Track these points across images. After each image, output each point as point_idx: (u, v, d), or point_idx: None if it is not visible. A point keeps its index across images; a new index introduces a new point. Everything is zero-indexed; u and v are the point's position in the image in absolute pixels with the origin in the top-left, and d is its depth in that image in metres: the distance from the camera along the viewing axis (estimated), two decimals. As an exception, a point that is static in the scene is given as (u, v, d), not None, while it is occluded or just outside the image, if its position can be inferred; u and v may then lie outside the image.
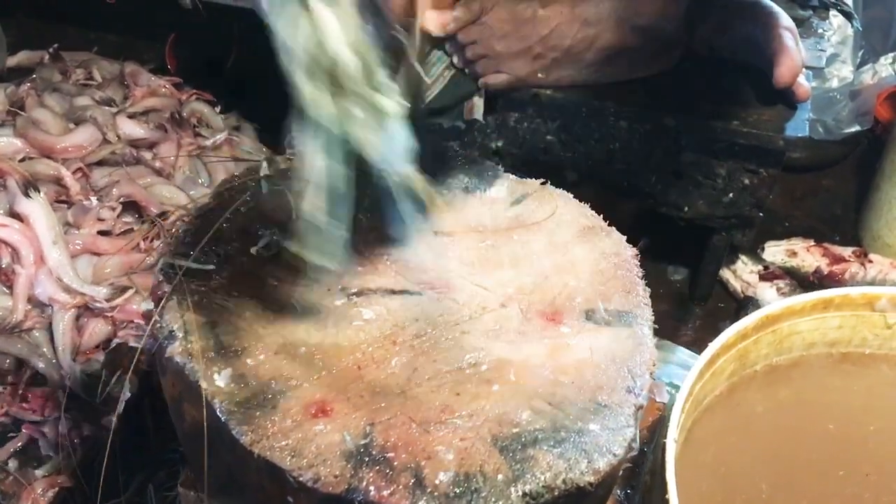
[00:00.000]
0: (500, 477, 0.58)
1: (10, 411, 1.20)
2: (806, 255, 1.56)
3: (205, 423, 0.65)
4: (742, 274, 1.55)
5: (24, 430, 1.20)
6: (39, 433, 1.19)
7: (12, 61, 1.82)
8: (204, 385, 0.65)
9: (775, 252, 1.57)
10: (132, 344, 1.31)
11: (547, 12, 1.25)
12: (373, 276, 0.75)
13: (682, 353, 1.38)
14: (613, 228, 0.82)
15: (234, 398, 0.64)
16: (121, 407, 1.25)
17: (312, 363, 0.67)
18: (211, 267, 0.74)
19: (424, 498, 0.57)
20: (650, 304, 0.75)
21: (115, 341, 1.31)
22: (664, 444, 0.73)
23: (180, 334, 0.68)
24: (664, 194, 1.40)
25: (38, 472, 1.16)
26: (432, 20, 1.25)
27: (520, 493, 0.58)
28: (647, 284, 0.79)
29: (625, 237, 0.81)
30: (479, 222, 0.82)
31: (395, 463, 0.59)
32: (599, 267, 0.78)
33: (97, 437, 1.20)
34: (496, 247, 0.79)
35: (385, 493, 0.58)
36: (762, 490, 0.82)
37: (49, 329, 1.27)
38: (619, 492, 0.90)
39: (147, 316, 0.72)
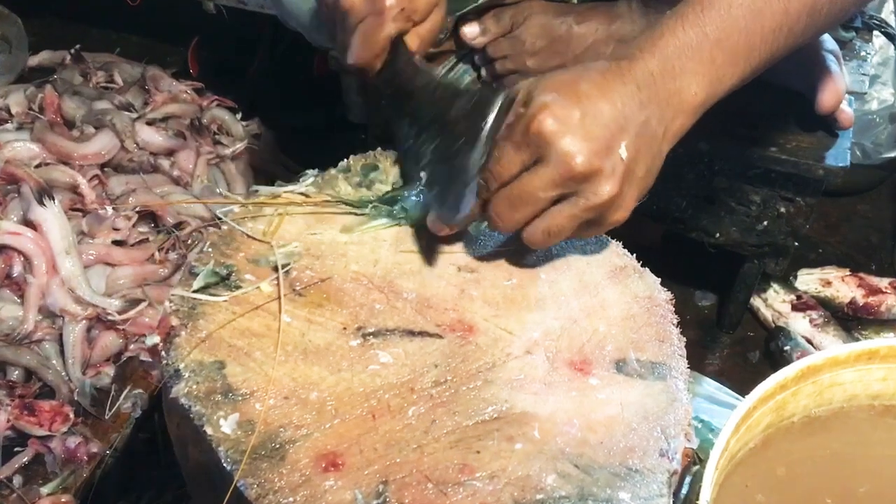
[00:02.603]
0: (521, 550, 0.54)
1: (17, 425, 1.17)
2: (841, 284, 1.50)
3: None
4: (773, 303, 1.49)
5: (30, 445, 1.17)
6: (46, 448, 1.16)
7: (34, 61, 1.81)
8: (209, 431, 0.61)
9: (809, 281, 1.52)
10: (143, 358, 1.28)
11: (582, 29, 1.21)
12: (391, 315, 0.71)
13: (709, 384, 1.33)
14: (647, 270, 0.77)
15: (241, 446, 0.60)
16: (130, 425, 1.22)
17: (324, 410, 0.63)
18: (223, 299, 0.70)
19: (439, 570, 0.53)
20: (685, 354, 0.70)
21: (127, 355, 1.28)
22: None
23: (186, 374, 0.64)
24: (695, 219, 1.35)
25: (44, 490, 1.13)
26: (469, 35, 1.21)
27: (542, 569, 0.54)
28: (673, 311, 0.75)
29: (658, 279, 0.76)
30: (503, 258, 0.78)
31: (410, 529, 0.56)
32: (631, 312, 0.73)
33: (105, 455, 1.17)
34: (522, 286, 0.75)
35: (397, 562, 0.54)
36: None
37: (59, 341, 1.25)
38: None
39: (153, 352, 0.68)
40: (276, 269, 0.73)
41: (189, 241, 1.39)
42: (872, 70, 1.74)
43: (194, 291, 0.71)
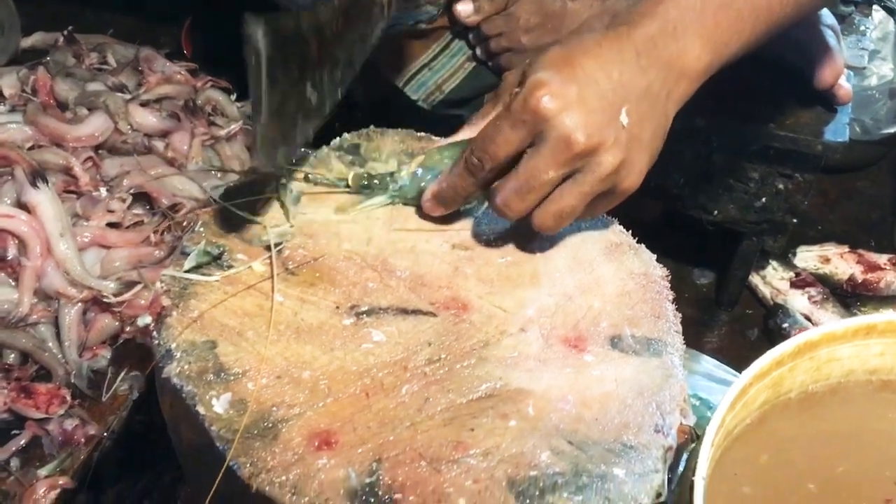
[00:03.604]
0: (515, 527, 0.54)
1: (14, 407, 1.17)
2: (839, 261, 1.49)
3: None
4: (772, 280, 1.49)
5: (27, 428, 1.16)
6: (43, 431, 1.16)
7: (27, 42, 1.79)
8: (201, 410, 0.61)
9: (807, 258, 1.51)
10: (140, 341, 1.28)
11: (576, 5, 1.20)
12: (384, 293, 0.71)
13: (707, 362, 1.33)
14: (642, 246, 0.77)
15: (233, 426, 0.60)
16: (128, 407, 1.22)
17: (317, 389, 0.63)
18: (215, 279, 0.70)
19: (433, 547, 0.53)
20: (681, 330, 0.70)
21: (123, 337, 1.28)
22: (692, 480, 0.68)
23: (178, 354, 0.64)
24: (693, 197, 1.34)
25: (41, 472, 1.12)
26: (463, 13, 1.19)
27: (536, 545, 0.53)
28: (670, 288, 0.74)
29: (654, 256, 0.76)
30: (498, 236, 0.77)
31: (403, 505, 0.55)
32: (627, 288, 0.73)
33: (102, 437, 1.17)
34: (517, 263, 0.75)
35: (391, 539, 0.54)
36: None
37: (55, 323, 1.24)
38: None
39: (145, 332, 0.68)
40: (268, 248, 0.73)
41: (185, 223, 1.38)
42: (872, 45, 1.72)
43: (186, 271, 0.70)
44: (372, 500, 0.56)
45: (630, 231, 0.80)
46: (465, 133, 0.79)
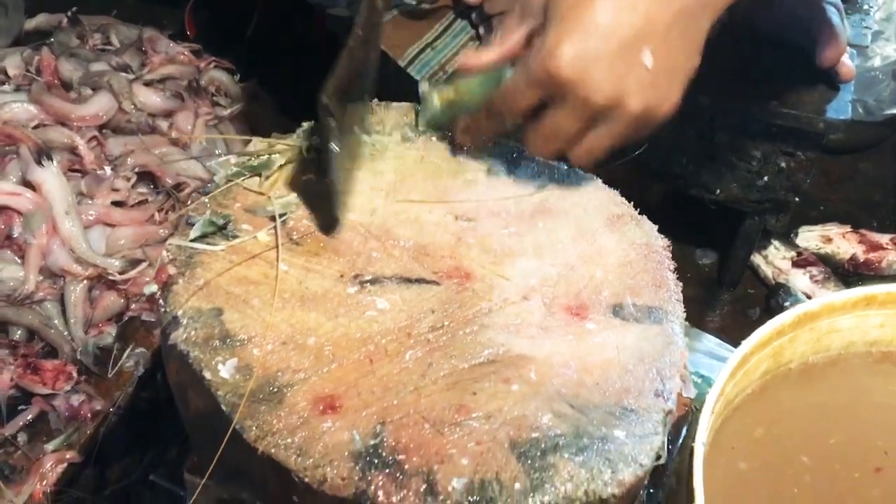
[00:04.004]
0: (517, 486, 0.55)
1: (21, 383, 1.18)
2: (841, 241, 1.50)
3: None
4: (774, 259, 1.49)
5: (34, 404, 1.18)
6: (50, 406, 1.17)
7: (30, 24, 1.80)
8: (207, 375, 0.62)
9: (809, 238, 1.51)
10: (145, 318, 1.29)
11: None
12: (388, 263, 0.71)
13: (709, 340, 1.34)
14: (644, 217, 0.77)
15: (239, 390, 0.61)
16: (133, 383, 1.23)
17: (322, 355, 0.64)
18: (220, 248, 0.70)
19: (436, 506, 0.54)
20: (682, 298, 0.71)
21: (128, 315, 1.29)
22: (692, 447, 0.69)
23: (184, 321, 0.65)
24: (695, 176, 1.35)
25: (48, 447, 1.14)
26: None
27: (537, 503, 0.54)
28: (671, 257, 0.75)
29: (656, 227, 0.76)
30: (501, 207, 0.77)
31: (406, 466, 0.56)
32: (629, 258, 0.73)
33: (108, 412, 1.18)
34: (519, 234, 0.75)
35: (394, 498, 0.54)
36: (792, 492, 0.78)
37: (61, 301, 1.25)
38: (642, 491, 0.86)
39: (151, 300, 0.69)
40: (272, 218, 0.73)
41: (189, 202, 1.38)
42: (876, 25, 1.72)
43: (191, 240, 0.71)
44: (376, 461, 0.56)
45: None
46: (492, 54, 0.79)
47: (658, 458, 0.58)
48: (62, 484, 1.12)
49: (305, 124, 0.83)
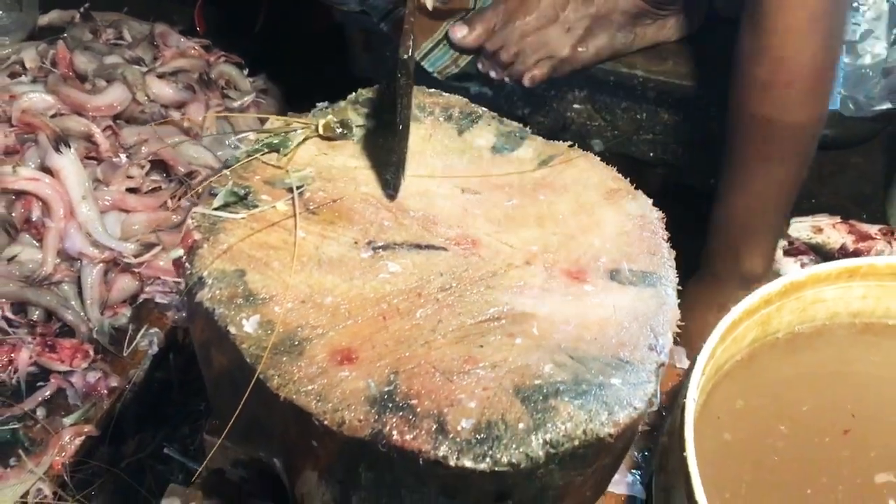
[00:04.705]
0: (521, 425, 0.59)
1: (40, 361, 1.23)
2: (832, 231, 1.54)
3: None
4: (766, 249, 1.53)
5: (52, 380, 1.22)
6: (67, 383, 1.21)
7: (44, 20, 1.84)
8: (232, 330, 0.66)
9: (801, 228, 1.56)
10: (158, 300, 1.33)
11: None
12: (399, 231, 0.76)
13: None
14: (640, 192, 0.82)
15: (262, 343, 0.65)
16: (147, 361, 1.28)
17: (338, 312, 0.68)
18: (241, 216, 0.75)
19: (446, 443, 0.58)
20: (675, 265, 0.75)
21: (142, 297, 1.33)
22: (684, 403, 0.74)
23: (210, 281, 0.69)
24: (691, 165, 1.40)
25: (66, 421, 1.18)
26: (458, 36, 1.25)
27: (540, 441, 0.59)
28: (664, 228, 0.79)
29: (651, 200, 0.81)
30: (505, 182, 0.82)
31: (419, 409, 0.61)
32: (625, 228, 0.78)
33: (124, 389, 1.23)
34: (522, 206, 0.80)
35: (408, 437, 0.59)
36: (773, 459, 0.82)
37: (77, 283, 1.30)
38: (636, 454, 0.91)
39: (177, 264, 0.73)
40: (290, 190, 0.78)
41: (200, 190, 1.43)
42: (866, 25, 1.77)
43: (214, 209, 0.75)
44: (390, 405, 0.61)
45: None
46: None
47: (651, 403, 0.63)
48: (80, 456, 1.16)
49: (319, 104, 0.88)
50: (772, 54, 1.02)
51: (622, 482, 0.87)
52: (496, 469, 0.58)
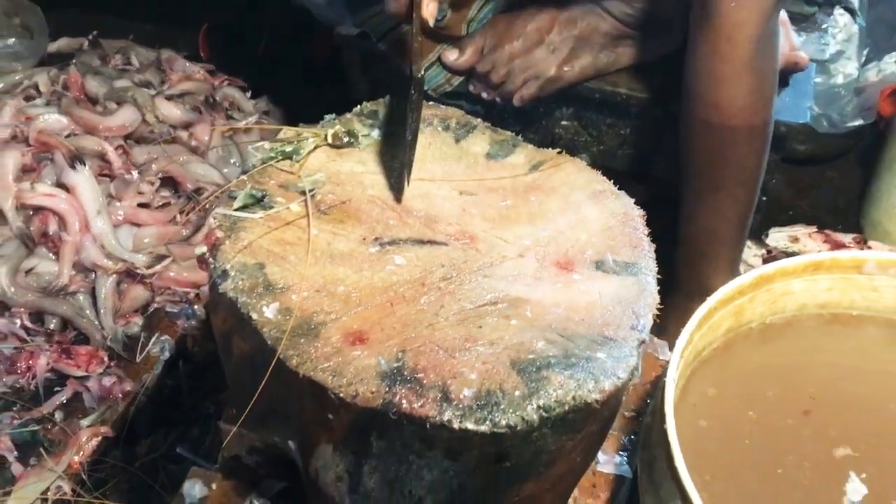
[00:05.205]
0: (517, 393, 0.66)
1: (57, 367, 1.29)
2: (808, 240, 1.63)
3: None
4: (746, 257, 1.61)
5: (68, 385, 1.28)
6: (84, 387, 1.27)
7: (53, 47, 1.92)
8: (254, 316, 0.73)
9: (778, 238, 1.64)
10: (168, 309, 1.40)
11: (545, 14, 1.33)
12: (403, 228, 0.83)
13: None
14: (623, 192, 0.90)
15: (281, 327, 0.72)
16: (160, 366, 1.34)
17: (350, 300, 0.75)
18: (259, 216, 0.82)
19: (450, 409, 0.65)
20: (654, 257, 0.83)
21: (153, 306, 1.40)
22: (664, 382, 0.81)
23: (232, 273, 0.76)
24: (672, 178, 1.47)
25: (83, 423, 1.24)
26: (451, 59, 1.34)
27: (534, 406, 0.66)
28: (645, 224, 0.86)
29: (633, 199, 0.89)
30: (499, 185, 0.90)
31: (425, 381, 0.67)
32: (609, 224, 0.85)
33: (137, 393, 1.29)
34: (515, 206, 0.87)
35: (416, 405, 0.66)
36: (744, 443, 0.88)
37: (92, 293, 1.36)
38: (623, 438, 0.98)
39: (201, 259, 0.80)
40: (303, 193, 0.85)
41: (207, 206, 1.50)
42: (838, 46, 1.87)
43: (234, 210, 0.83)
44: (399, 378, 0.68)
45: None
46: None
47: (633, 375, 0.70)
48: (97, 456, 1.22)
49: (327, 116, 0.95)
50: (707, 100, 1.15)
51: (611, 462, 0.94)
52: (495, 430, 0.65)
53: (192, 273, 1.40)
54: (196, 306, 1.40)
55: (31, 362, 1.29)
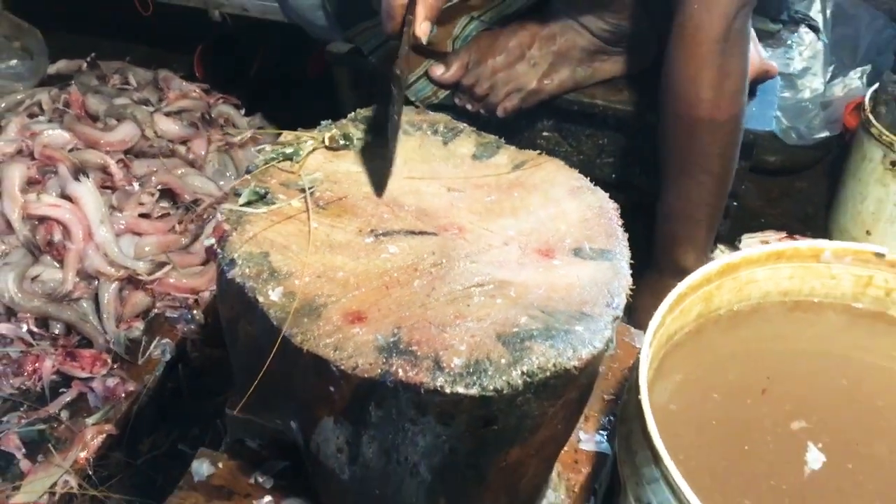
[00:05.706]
0: (503, 361, 0.73)
1: (62, 369, 1.34)
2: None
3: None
4: (720, 262, 1.69)
5: (73, 386, 1.33)
6: (88, 388, 1.33)
7: (52, 69, 1.99)
8: (261, 299, 0.80)
9: (750, 243, 1.72)
10: (169, 314, 1.46)
11: (526, 31, 1.41)
12: (396, 221, 0.90)
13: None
14: (599, 188, 0.97)
15: (286, 309, 0.79)
16: (161, 367, 1.39)
17: (348, 284, 0.82)
18: (262, 211, 0.89)
19: (442, 376, 0.72)
20: (628, 245, 0.90)
21: (154, 312, 1.46)
22: (639, 359, 0.88)
23: (239, 261, 0.83)
24: (649, 186, 1.55)
25: (89, 421, 1.29)
26: (437, 74, 1.42)
27: (519, 372, 0.72)
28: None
29: (607, 194, 0.96)
30: (484, 182, 0.97)
31: (419, 353, 0.74)
32: (586, 216, 0.93)
33: (140, 393, 1.34)
34: (500, 201, 0.94)
35: (411, 374, 0.72)
36: (711, 424, 0.95)
37: (95, 299, 1.42)
38: (603, 419, 1.04)
39: (210, 250, 0.87)
40: (303, 190, 0.92)
41: (205, 216, 1.57)
42: (804, 63, 1.97)
43: (240, 205, 0.89)
44: (395, 351, 0.74)
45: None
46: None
47: (608, 346, 0.77)
48: (101, 452, 1.27)
49: (324, 122, 1.03)
50: (674, 93, 1.27)
51: (591, 440, 1.00)
52: (483, 394, 0.71)
53: (191, 280, 1.46)
54: (195, 311, 1.46)
55: (37, 365, 1.34)
